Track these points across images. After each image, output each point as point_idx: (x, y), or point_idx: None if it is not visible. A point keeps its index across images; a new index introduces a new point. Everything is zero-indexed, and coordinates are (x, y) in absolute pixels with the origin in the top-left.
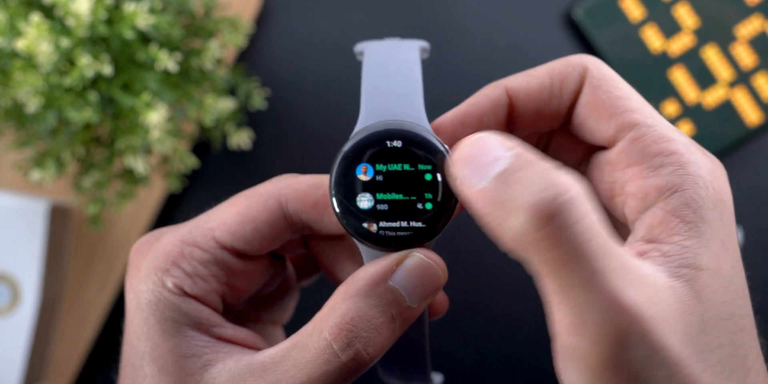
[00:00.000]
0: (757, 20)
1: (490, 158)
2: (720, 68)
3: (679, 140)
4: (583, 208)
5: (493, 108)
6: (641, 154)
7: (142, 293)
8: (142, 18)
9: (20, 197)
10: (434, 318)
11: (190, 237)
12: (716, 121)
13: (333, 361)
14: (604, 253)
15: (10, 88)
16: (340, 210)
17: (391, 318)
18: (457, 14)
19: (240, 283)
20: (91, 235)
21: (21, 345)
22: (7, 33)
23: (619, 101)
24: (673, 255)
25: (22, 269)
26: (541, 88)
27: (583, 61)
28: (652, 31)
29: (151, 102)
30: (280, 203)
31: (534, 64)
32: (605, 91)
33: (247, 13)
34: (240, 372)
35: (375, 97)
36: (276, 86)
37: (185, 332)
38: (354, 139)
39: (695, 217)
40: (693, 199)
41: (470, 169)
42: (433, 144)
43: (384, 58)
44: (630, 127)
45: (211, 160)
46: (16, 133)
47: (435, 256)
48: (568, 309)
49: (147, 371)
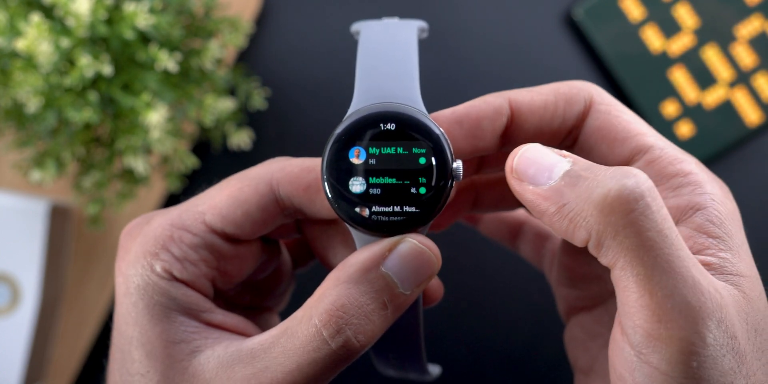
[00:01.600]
0: (757, 20)
1: (552, 160)
2: (720, 68)
3: (690, 161)
4: (660, 197)
5: (493, 115)
6: (659, 176)
7: (130, 277)
8: (142, 18)
9: (20, 197)
10: (429, 306)
11: (180, 220)
12: (716, 121)
13: (322, 348)
14: (681, 241)
15: (10, 88)
16: (332, 194)
17: (382, 305)
18: (457, 14)
19: (231, 267)
20: (91, 235)
21: (21, 345)
22: (7, 33)
23: (630, 125)
24: (713, 264)
25: (22, 269)
26: (546, 106)
27: (588, 86)
28: (652, 31)
29: (151, 102)
30: (271, 187)
31: (534, 64)
32: (615, 116)
33: (247, 13)
34: (228, 358)
35: (369, 78)
36: (276, 86)
37: (174, 317)
38: (347, 121)
39: (720, 232)
40: (716, 216)
41: (534, 171)
42: (429, 127)
43: (380, 38)
44: (645, 150)
45: (211, 160)
46: (16, 133)
47: (429, 242)
48: (651, 295)
49: (135, 356)
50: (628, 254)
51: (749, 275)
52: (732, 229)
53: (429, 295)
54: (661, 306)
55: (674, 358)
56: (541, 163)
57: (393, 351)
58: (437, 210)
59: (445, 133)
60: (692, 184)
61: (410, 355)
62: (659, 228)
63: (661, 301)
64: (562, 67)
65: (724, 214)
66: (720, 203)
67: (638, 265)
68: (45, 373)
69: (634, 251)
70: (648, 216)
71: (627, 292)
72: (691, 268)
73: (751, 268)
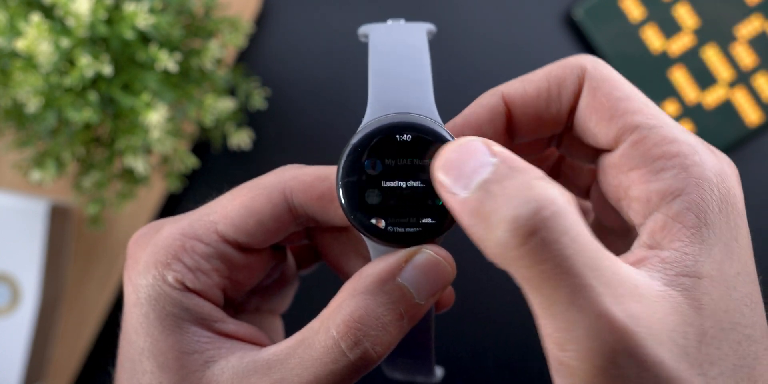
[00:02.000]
0: (757, 20)
1: (474, 165)
2: (720, 68)
3: (683, 141)
4: (567, 221)
5: (491, 117)
6: (643, 158)
7: (141, 287)
8: (142, 18)
9: (20, 197)
10: (440, 312)
11: (192, 230)
12: (716, 121)
13: (340, 360)
14: (591, 267)
15: (10, 88)
16: (347, 205)
17: (399, 315)
18: (457, 14)
19: (242, 276)
20: (91, 235)
21: (21, 345)
22: (7, 33)
23: (619, 103)
24: (672, 262)
25: (22, 269)
26: (539, 93)
27: (581, 62)
28: (652, 31)
29: (151, 102)
30: (284, 196)
31: (534, 64)
32: (604, 93)
33: (247, 13)
34: (244, 369)
35: (384, 87)
36: (276, 86)
37: (186, 328)
38: (362, 132)
39: (698, 221)
40: (696, 203)
41: (454, 177)
42: (444, 138)
43: (391, 44)
44: (631, 130)
45: (211, 160)
46: (16, 133)
47: (444, 253)
48: (554, 325)
49: (147, 367)
50: (526, 284)
51: (711, 275)
52: (715, 219)
53: (441, 302)
54: (563, 339)
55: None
56: (462, 168)
57: (404, 355)
58: (453, 221)
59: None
60: (676, 168)
61: (420, 360)
62: (561, 257)
63: (562, 334)
64: None
65: (708, 200)
66: (707, 189)
67: (538, 296)
68: (45, 373)
69: (532, 283)
70: (544, 247)
71: (536, 316)
72: (599, 296)
73: (721, 265)
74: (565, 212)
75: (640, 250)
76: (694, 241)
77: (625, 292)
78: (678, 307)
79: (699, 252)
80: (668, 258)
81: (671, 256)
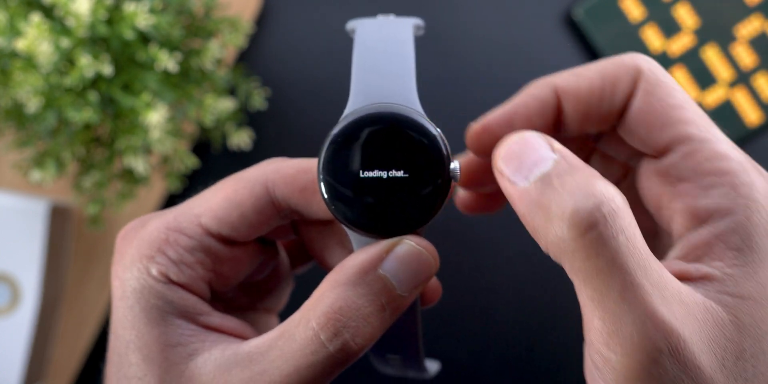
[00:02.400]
0: (757, 20)
1: (534, 158)
2: (720, 68)
3: (734, 159)
4: (625, 220)
5: (541, 108)
6: (693, 172)
7: (126, 281)
8: (142, 18)
9: (20, 197)
10: (426, 306)
11: (176, 223)
12: (716, 121)
13: (320, 351)
14: (642, 267)
15: (10, 88)
16: (328, 195)
17: (380, 307)
18: (457, 14)
19: (227, 269)
20: (91, 235)
21: (21, 345)
22: (7, 33)
23: (673, 111)
24: (714, 280)
25: (22, 269)
26: (591, 90)
27: (637, 62)
28: (652, 31)
29: (151, 102)
30: (267, 188)
31: (534, 64)
32: (659, 98)
33: (247, 13)
34: (225, 362)
35: (365, 78)
36: (276, 86)
37: (171, 321)
38: (343, 122)
39: (742, 244)
40: (743, 225)
41: (515, 167)
42: (425, 128)
43: (375, 37)
44: (683, 141)
45: (211, 160)
46: (16, 133)
47: (426, 243)
48: (601, 319)
49: (132, 360)
50: (578, 276)
51: (755, 298)
52: (762, 242)
53: (427, 296)
54: (609, 332)
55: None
56: (524, 159)
57: (391, 351)
58: (435, 211)
59: (441, 134)
60: (726, 186)
61: (408, 354)
62: (616, 253)
63: (609, 327)
64: (562, 67)
65: (756, 223)
66: (755, 211)
67: (589, 289)
68: (45, 373)
69: (584, 275)
70: (601, 242)
71: (584, 309)
72: (648, 295)
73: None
74: (622, 212)
75: (677, 261)
76: (735, 263)
77: (671, 296)
78: (719, 320)
79: (741, 274)
80: (709, 276)
81: (713, 274)
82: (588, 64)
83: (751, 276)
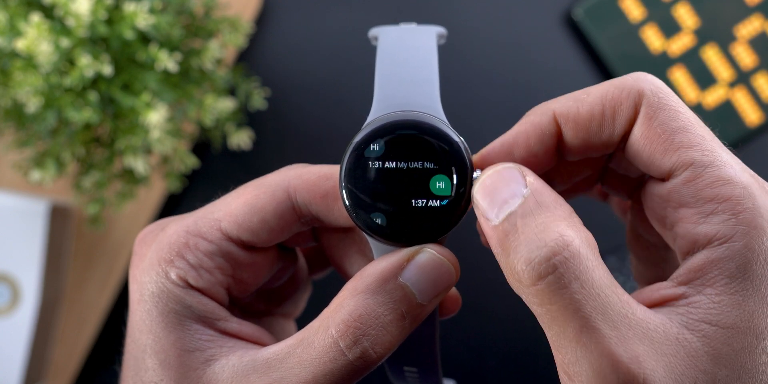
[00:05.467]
0: (757, 20)
1: (505, 195)
2: (720, 68)
3: (738, 183)
4: (580, 266)
5: (541, 136)
6: (694, 198)
7: (145, 284)
8: (142, 18)
9: (20, 197)
10: (445, 317)
11: (196, 227)
12: (716, 121)
13: (339, 359)
14: (600, 309)
15: (10, 88)
16: (349, 203)
17: (400, 316)
18: (457, 14)
19: (246, 275)
20: (91, 235)
21: (21, 345)
22: (7, 33)
23: (675, 135)
24: (699, 307)
25: (22, 269)
26: (592, 116)
27: (639, 84)
28: (652, 31)
29: (151, 102)
30: (288, 194)
31: (534, 64)
32: (661, 122)
33: (247, 13)
34: (243, 368)
35: (389, 85)
36: (276, 86)
37: (188, 325)
38: (366, 129)
39: (737, 272)
40: (740, 253)
41: (488, 202)
42: (449, 136)
43: (399, 45)
44: (685, 166)
45: (211, 160)
46: (16, 133)
47: (447, 253)
48: (562, 358)
49: (149, 364)
50: (538, 318)
51: (737, 328)
52: (759, 270)
53: (446, 306)
54: (570, 374)
55: None
56: (495, 195)
57: (409, 363)
58: (456, 220)
59: (464, 142)
60: (726, 213)
61: (426, 367)
62: (570, 300)
63: (570, 369)
64: (562, 67)
65: (755, 251)
66: (755, 238)
67: (549, 332)
68: (45, 373)
69: (542, 319)
70: (553, 291)
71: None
72: (607, 337)
73: (752, 318)
74: (577, 257)
75: (671, 284)
76: (726, 291)
77: (632, 335)
78: (692, 352)
79: (729, 302)
80: (695, 302)
81: (700, 301)
82: (589, 88)
83: (740, 304)
